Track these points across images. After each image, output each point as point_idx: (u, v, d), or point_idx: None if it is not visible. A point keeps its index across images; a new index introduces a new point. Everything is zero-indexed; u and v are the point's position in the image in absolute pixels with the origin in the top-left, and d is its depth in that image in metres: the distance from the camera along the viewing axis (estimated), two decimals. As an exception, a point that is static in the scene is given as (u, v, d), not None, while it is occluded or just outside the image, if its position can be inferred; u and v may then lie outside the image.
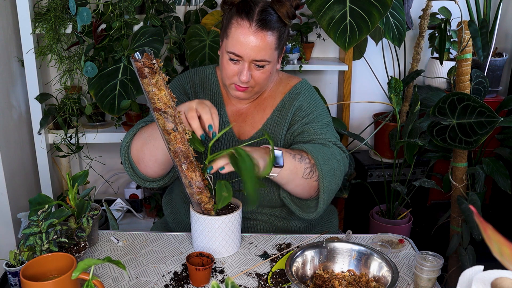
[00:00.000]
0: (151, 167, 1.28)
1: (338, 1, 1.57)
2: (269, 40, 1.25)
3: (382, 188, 2.22)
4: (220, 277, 1.15)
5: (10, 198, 1.83)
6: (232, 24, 1.26)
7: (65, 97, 2.05)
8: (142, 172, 1.30)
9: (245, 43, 1.24)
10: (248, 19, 1.24)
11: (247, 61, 1.26)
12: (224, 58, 1.30)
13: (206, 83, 1.45)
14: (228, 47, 1.27)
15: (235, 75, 1.29)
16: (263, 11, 1.25)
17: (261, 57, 1.26)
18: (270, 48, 1.27)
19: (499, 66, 2.43)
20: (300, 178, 1.24)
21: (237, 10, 1.26)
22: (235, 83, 1.31)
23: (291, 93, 1.41)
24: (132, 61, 1.05)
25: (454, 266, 2.08)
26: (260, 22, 1.23)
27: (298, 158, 1.23)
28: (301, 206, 1.32)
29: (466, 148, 1.77)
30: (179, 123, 1.11)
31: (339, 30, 1.56)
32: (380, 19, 1.54)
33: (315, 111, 1.39)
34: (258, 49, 1.25)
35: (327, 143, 1.32)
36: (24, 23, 1.88)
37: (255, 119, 1.41)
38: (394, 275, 1.08)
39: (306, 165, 1.24)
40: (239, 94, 1.34)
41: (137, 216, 2.37)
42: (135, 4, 1.86)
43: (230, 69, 1.29)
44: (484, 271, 0.66)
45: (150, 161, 1.26)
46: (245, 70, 1.27)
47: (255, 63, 1.27)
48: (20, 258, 1.05)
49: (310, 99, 1.41)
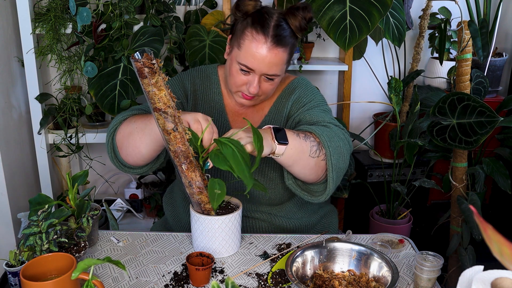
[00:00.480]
0: (132, 157, 1.26)
1: (338, 1, 1.57)
2: (282, 56, 1.26)
3: (382, 188, 2.22)
4: (220, 277, 1.15)
5: (10, 198, 1.83)
6: (246, 36, 1.25)
7: (65, 97, 2.05)
8: (123, 158, 1.28)
9: (259, 58, 1.24)
10: (263, 34, 1.23)
11: (258, 74, 1.27)
12: (233, 67, 1.29)
13: (207, 82, 1.45)
14: (240, 59, 1.26)
15: (244, 85, 1.30)
16: (278, 25, 1.24)
17: (273, 72, 1.27)
18: (282, 63, 1.28)
19: (499, 66, 2.43)
20: (308, 157, 1.19)
21: (252, 22, 1.25)
22: (242, 91, 1.32)
23: (288, 88, 1.42)
24: (132, 61, 1.05)
25: (454, 266, 2.08)
26: (275, 38, 1.23)
27: (302, 137, 1.19)
28: (309, 190, 1.29)
29: (466, 148, 1.77)
30: (179, 123, 1.11)
31: (339, 30, 1.57)
32: (380, 19, 1.54)
33: (313, 100, 1.38)
34: (271, 65, 1.26)
35: (327, 124, 1.29)
36: (24, 23, 1.87)
37: (254, 119, 1.42)
38: (394, 275, 1.08)
39: (312, 143, 1.20)
40: (244, 102, 1.34)
41: (137, 216, 2.37)
42: (135, 4, 1.86)
43: (239, 79, 1.29)
44: (484, 271, 0.66)
45: (132, 152, 1.25)
46: (255, 83, 1.27)
47: (266, 76, 1.28)
48: (20, 258, 1.05)
49: (308, 91, 1.40)
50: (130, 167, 1.32)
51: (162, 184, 2.38)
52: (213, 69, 1.47)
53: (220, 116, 1.42)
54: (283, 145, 1.15)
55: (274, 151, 1.15)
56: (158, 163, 1.33)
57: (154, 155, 1.26)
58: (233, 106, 1.44)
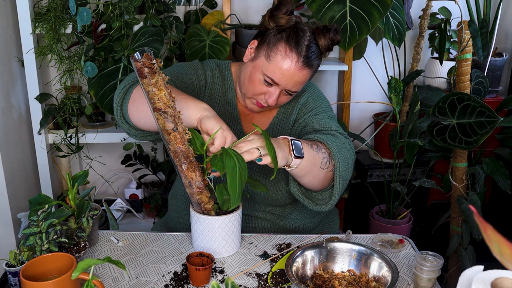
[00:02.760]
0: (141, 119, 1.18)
1: (338, 1, 1.57)
2: (307, 76, 1.29)
3: (382, 188, 2.22)
4: (220, 277, 1.15)
5: (10, 198, 1.83)
6: (279, 50, 1.25)
7: (65, 97, 2.05)
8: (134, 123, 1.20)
9: (287, 75, 1.26)
10: (296, 53, 1.24)
11: (281, 88, 1.29)
12: (256, 76, 1.29)
13: (221, 77, 1.45)
14: (268, 71, 1.27)
15: (262, 94, 1.31)
16: (309, 46, 1.26)
17: (295, 89, 1.30)
18: (305, 81, 1.31)
19: (499, 66, 2.43)
20: (318, 169, 1.20)
21: (287, 38, 1.25)
22: (258, 100, 1.33)
23: None
24: (132, 61, 1.05)
25: (454, 266, 2.08)
26: (306, 59, 1.25)
27: (315, 148, 1.20)
28: (313, 199, 1.29)
29: (466, 148, 1.77)
30: (179, 123, 1.11)
31: (339, 30, 1.56)
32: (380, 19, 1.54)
33: (320, 106, 1.41)
34: (297, 83, 1.28)
35: (334, 133, 1.31)
36: (24, 23, 1.88)
37: (262, 119, 1.43)
38: (394, 275, 1.08)
39: (323, 155, 1.21)
40: (256, 109, 1.36)
41: (137, 216, 2.37)
42: (135, 4, 1.86)
43: (260, 89, 1.30)
44: (484, 271, 0.66)
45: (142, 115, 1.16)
46: (275, 96, 1.29)
47: (286, 91, 1.30)
48: (20, 258, 1.05)
49: (315, 96, 1.43)
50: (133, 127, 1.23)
51: (162, 184, 2.38)
52: (227, 65, 1.47)
53: (233, 114, 1.42)
54: (299, 158, 1.15)
55: (289, 164, 1.15)
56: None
57: None
58: (244, 105, 1.44)
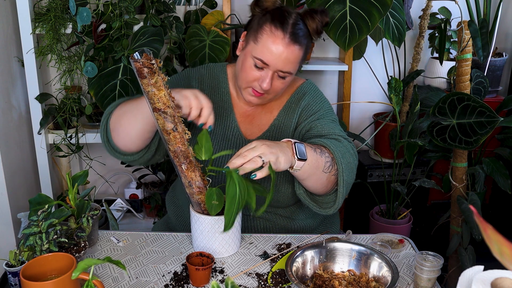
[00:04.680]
0: (122, 139, 1.27)
1: (338, 1, 1.57)
2: (297, 53, 1.27)
3: (382, 188, 2.22)
4: (220, 277, 1.15)
5: (10, 198, 1.83)
6: (265, 31, 1.26)
7: (65, 97, 2.05)
8: (115, 142, 1.28)
9: (276, 53, 1.25)
10: (282, 30, 1.24)
11: (272, 70, 1.27)
12: (247, 62, 1.29)
13: (215, 81, 1.44)
14: (256, 53, 1.26)
15: (256, 81, 1.29)
16: (296, 24, 1.26)
17: (287, 69, 1.28)
18: (296, 61, 1.29)
19: (499, 66, 2.43)
20: (321, 172, 1.21)
21: (272, 18, 1.26)
22: (253, 87, 1.31)
23: (297, 93, 1.42)
24: (131, 61, 1.05)
25: (454, 266, 2.08)
26: (293, 36, 1.25)
27: (318, 152, 1.20)
28: (319, 202, 1.30)
29: (466, 148, 1.77)
30: (179, 123, 1.11)
31: (339, 30, 1.56)
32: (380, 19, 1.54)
33: (322, 109, 1.40)
34: (286, 61, 1.26)
35: (338, 137, 1.31)
36: (24, 23, 1.88)
37: (262, 121, 1.41)
38: (394, 275, 1.08)
39: (326, 159, 1.21)
40: (253, 99, 1.34)
41: (137, 216, 2.37)
42: (135, 4, 1.86)
43: (252, 74, 1.29)
44: (484, 271, 0.66)
45: (122, 133, 1.25)
46: (268, 78, 1.27)
47: (279, 73, 1.28)
48: (20, 258, 1.05)
49: (317, 98, 1.42)
50: (120, 152, 1.30)
51: (162, 184, 2.38)
52: (222, 67, 1.47)
53: (229, 117, 1.41)
54: (302, 161, 1.15)
55: (292, 166, 1.16)
56: (149, 153, 1.32)
57: (144, 138, 1.25)
58: (242, 107, 1.43)
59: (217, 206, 1.12)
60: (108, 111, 1.30)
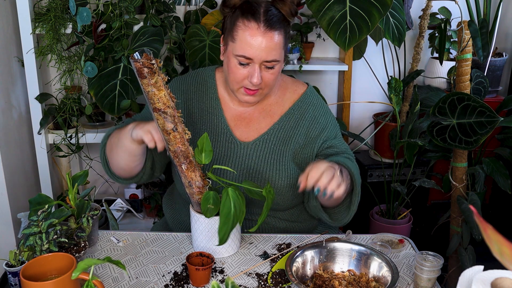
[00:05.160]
0: (116, 170, 1.34)
1: (338, 1, 1.57)
2: (277, 39, 1.24)
3: (382, 188, 2.22)
4: (220, 277, 1.15)
5: (10, 198, 1.83)
6: (239, 27, 1.24)
7: (65, 97, 2.05)
8: (112, 170, 1.36)
9: (255, 44, 1.22)
10: (255, 20, 1.22)
11: (258, 63, 1.24)
12: (231, 63, 1.27)
13: (203, 87, 1.41)
14: (236, 51, 1.24)
15: (245, 79, 1.27)
16: (267, 11, 1.24)
17: (271, 57, 1.24)
18: (279, 47, 1.25)
19: (499, 66, 2.43)
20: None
21: (242, 12, 1.24)
22: (245, 86, 1.28)
23: (301, 101, 1.40)
24: (131, 61, 1.05)
25: (454, 266, 2.08)
26: (267, 22, 1.22)
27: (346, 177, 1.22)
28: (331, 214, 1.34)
29: (466, 148, 1.77)
30: (179, 123, 1.11)
31: (339, 30, 1.56)
32: (380, 19, 1.54)
33: (329, 122, 1.40)
34: (269, 50, 1.23)
35: (351, 157, 1.36)
36: (24, 23, 1.88)
37: (260, 124, 1.38)
38: (394, 275, 1.08)
39: (348, 181, 1.23)
40: (249, 99, 1.31)
41: (137, 216, 2.37)
42: (135, 4, 1.86)
43: (239, 73, 1.26)
44: (484, 271, 0.66)
45: (115, 165, 1.33)
46: (256, 73, 1.25)
47: (265, 64, 1.26)
48: (20, 258, 1.05)
49: (321, 110, 1.41)
50: (120, 178, 1.38)
51: (162, 184, 2.38)
52: (211, 72, 1.43)
53: (219, 123, 1.37)
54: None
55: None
56: (146, 175, 1.37)
57: (132, 167, 1.32)
58: (235, 110, 1.39)
59: (213, 210, 1.13)
60: (102, 142, 1.35)
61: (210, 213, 1.13)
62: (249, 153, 1.35)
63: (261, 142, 1.36)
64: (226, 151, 1.35)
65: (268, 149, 1.35)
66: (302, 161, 1.37)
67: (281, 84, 1.42)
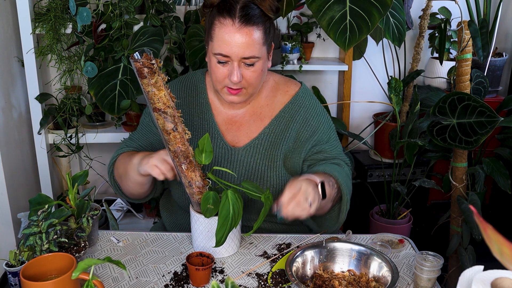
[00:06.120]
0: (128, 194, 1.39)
1: (338, 1, 1.57)
2: (255, 35, 1.21)
3: (382, 188, 2.22)
4: (220, 277, 1.15)
5: (10, 198, 1.83)
6: (215, 25, 1.22)
7: (65, 97, 2.05)
8: (124, 193, 1.40)
9: (231, 41, 1.19)
10: (230, 17, 1.19)
11: (236, 60, 1.21)
12: (212, 62, 1.25)
13: (193, 92, 1.39)
14: (214, 49, 1.22)
15: (225, 78, 1.24)
16: (244, 7, 1.21)
17: (249, 54, 1.21)
18: (257, 43, 1.21)
19: (499, 66, 2.43)
20: (328, 202, 1.26)
21: (218, 10, 1.22)
22: (226, 85, 1.26)
23: (291, 103, 1.36)
24: (132, 61, 1.05)
25: (454, 266, 2.08)
26: (243, 18, 1.19)
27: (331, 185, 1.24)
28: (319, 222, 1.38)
29: (466, 148, 1.77)
30: (179, 123, 1.11)
31: (339, 30, 1.56)
32: (380, 19, 1.54)
33: (321, 125, 1.37)
34: (245, 46, 1.20)
35: (341, 162, 1.36)
36: (24, 23, 1.88)
37: (251, 128, 1.36)
38: (394, 275, 1.08)
39: (334, 190, 1.27)
40: (233, 98, 1.28)
41: (137, 216, 2.37)
42: (135, 4, 1.86)
43: (220, 72, 1.24)
44: (484, 271, 0.66)
45: (126, 191, 1.38)
46: (235, 70, 1.22)
47: (244, 62, 1.22)
48: (20, 258, 1.05)
49: (313, 111, 1.37)
50: (132, 199, 1.43)
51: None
52: (201, 75, 1.41)
53: (210, 128, 1.36)
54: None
55: None
56: (157, 192, 1.44)
57: (143, 192, 1.36)
58: (225, 114, 1.38)
59: (212, 210, 1.13)
60: (110, 168, 1.38)
61: (210, 213, 1.13)
62: (240, 159, 1.34)
63: (251, 148, 1.34)
64: (217, 157, 1.34)
65: (258, 154, 1.34)
66: (291, 166, 1.36)
67: (272, 85, 1.39)
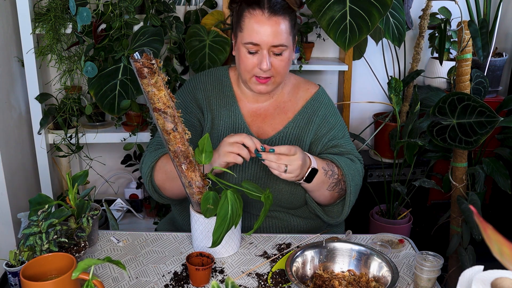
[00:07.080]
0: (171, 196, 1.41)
1: (338, 1, 1.57)
2: (282, 25, 1.29)
3: (382, 188, 2.22)
4: (220, 277, 1.15)
5: (10, 198, 1.83)
6: (245, 17, 1.29)
7: (65, 97, 2.05)
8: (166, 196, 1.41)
9: (261, 30, 1.27)
10: (260, 8, 1.27)
11: (265, 48, 1.29)
12: (241, 52, 1.32)
13: (219, 85, 1.46)
14: (244, 39, 1.29)
15: (255, 67, 1.31)
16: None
17: (278, 42, 1.28)
18: (285, 32, 1.29)
19: (499, 66, 2.42)
20: (325, 190, 1.34)
21: (247, 3, 1.30)
22: (256, 75, 1.32)
23: (313, 100, 1.45)
24: (132, 61, 1.05)
25: (454, 266, 2.08)
26: (271, 9, 1.27)
27: (329, 174, 1.33)
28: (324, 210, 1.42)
29: (466, 148, 1.77)
30: (179, 123, 1.11)
31: (339, 30, 1.56)
32: (380, 19, 1.54)
33: (338, 123, 1.45)
34: (275, 34, 1.27)
35: (354, 158, 1.43)
36: (24, 23, 1.88)
37: (275, 121, 1.43)
38: (394, 275, 1.08)
39: (333, 180, 1.34)
40: (261, 88, 1.35)
41: (137, 216, 2.37)
42: (135, 4, 1.86)
43: (250, 62, 1.31)
44: (484, 271, 0.66)
45: (169, 193, 1.39)
46: (265, 58, 1.29)
47: (273, 50, 1.30)
48: (20, 258, 1.05)
49: (331, 110, 1.46)
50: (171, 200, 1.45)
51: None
52: (224, 71, 1.49)
53: (237, 119, 1.42)
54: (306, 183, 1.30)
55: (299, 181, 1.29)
56: None
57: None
58: (250, 107, 1.44)
59: (212, 210, 1.13)
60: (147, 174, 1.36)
61: (210, 213, 1.13)
62: None
63: (277, 140, 1.41)
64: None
65: None
66: None
67: (294, 83, 1.48)
